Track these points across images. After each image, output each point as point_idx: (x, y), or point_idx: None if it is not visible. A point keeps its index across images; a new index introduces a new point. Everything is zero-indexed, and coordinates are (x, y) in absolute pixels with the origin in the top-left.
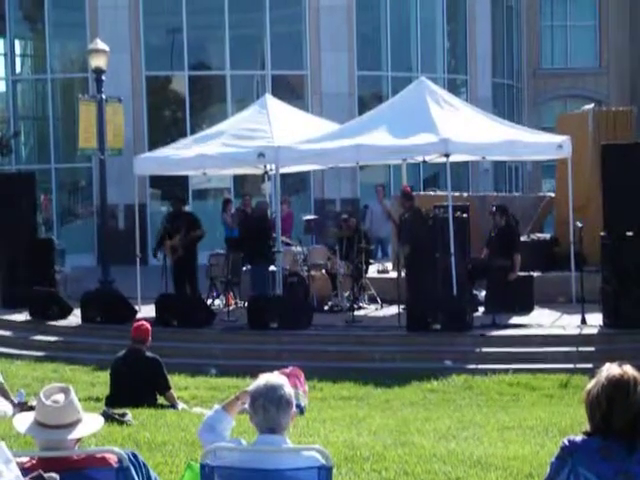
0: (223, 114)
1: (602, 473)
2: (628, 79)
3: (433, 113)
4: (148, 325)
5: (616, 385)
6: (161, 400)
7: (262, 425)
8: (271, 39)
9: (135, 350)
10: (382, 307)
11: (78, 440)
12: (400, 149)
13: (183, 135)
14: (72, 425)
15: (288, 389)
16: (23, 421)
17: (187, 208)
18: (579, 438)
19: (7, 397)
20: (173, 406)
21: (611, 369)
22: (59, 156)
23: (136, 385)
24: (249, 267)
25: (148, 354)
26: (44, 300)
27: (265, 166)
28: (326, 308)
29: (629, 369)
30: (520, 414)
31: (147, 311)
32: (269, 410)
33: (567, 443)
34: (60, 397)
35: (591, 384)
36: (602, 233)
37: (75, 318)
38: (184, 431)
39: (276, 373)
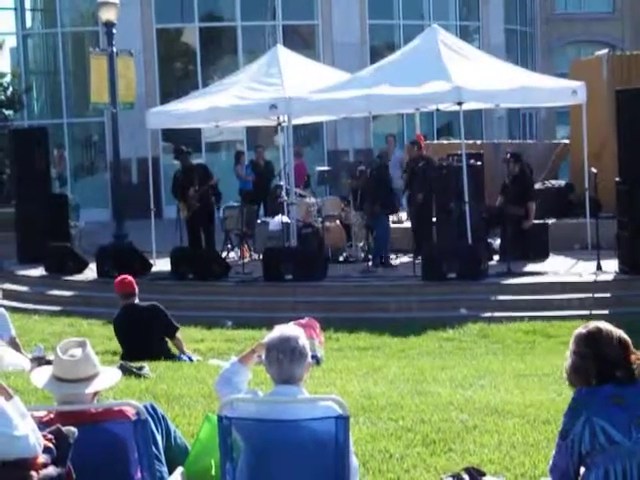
0: (234, 66)
1: (617, 420)
2: None
3: (445, 61)
4: (130, 277)
5: (596, 337)
6: (172, 350)
7: (277, 376)
8: None
9: (130, 305)
10: (397, 257)
11: (96, 394)
12: (413, 98)
13: (195, 87)
14: (89, 379)
15: (303, 340)
16: (41, 376)
17: (200, 160)
18: (590, 387)
19: (19, 351)
20: (182, 352)
21: (580, 332)
22: (71, 111)
23: (145, 337)
24: (264, 219)
25: (143, 304)
26: (59, 255)
27: (278, 117)
28: (341, 259)
29: (593, 324)
30: (536, 362)
31: (162, 264)
32: (282, 362)
33: (579, 393)
34: (77, 351)
35: (572, 351)
36: (617, 179)
37: (91, 272)
38: (201, 383)
39: (292, 324)
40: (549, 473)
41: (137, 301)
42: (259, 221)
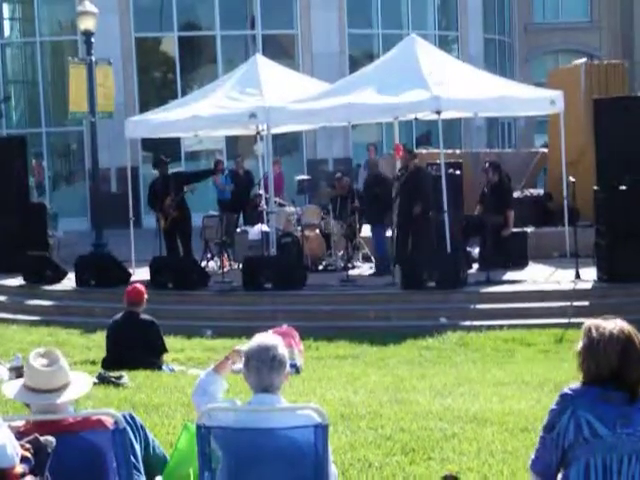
0: (214, 75)
1: (602, 415)
2: (619, 32)
3: (424, 70)
4: (142, 287)
5: (627, 340)
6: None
7: (256, 385)
8: None
9: (131, 313)
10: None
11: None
12: (391, 107)
13: (174, 97)
14: (61, 389)
15: (282, 349)
16: (12, 387)
17: (179, 168)
18: (579, 386)
19: None
20: (159, 367)
21: (617, 325)
22: (50, 120)
23: (133, 348)
24: (244, 228)
25: (144, 316)
26: (38, 265)
27: (257, 126)
28: (320, 268)
29: (626, 324)
30: (515, 369)
31: (141, 274)
32: (262, 371)
33: (568, 391)
34: (48, 361)
35: (591, 338)
36: (595, 187)
37: (69, 282)
38: (180, 392)
39: (270, 332)
40: (530, 467)
41: (141, 312)
42: (239, 230)
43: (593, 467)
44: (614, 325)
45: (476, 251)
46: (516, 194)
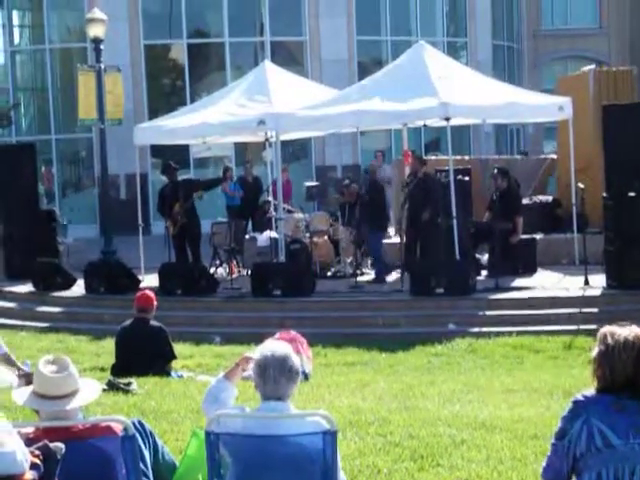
0: (222, 81)
1: (615, 425)
2: (628, 39)
3: (433, 77)
4: (151, 294)
5: (613, 348)
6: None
7: (270, 394)
8: (269, 5)
9: (140, 319)
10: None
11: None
12: (400, 114)
13: (183, 103)
14: (70, 395)
15: (295, 358)
16: (22, 393)
17: (189, 176)
18: (592, 394)
19: (14, 367)
20: (168, 374)
21: (633, 331)
22: (59, 127)
23: (142, 354)
24: (253, 235)
25: (153, 323)
26: (47, 271)
27: (266, 133)
28: (329, 274)
29: (628, 333)
30: (524, 376)
31: (150, 280)
32: (280, 381)
33: (581, 397)
34: (57, 368)
35: (606, 345)
36: (604, 194)
37: (78, 289)
38: (189, 399)
39: (277, 337)
40: (541, 475)
41: (152, 319)
42: (247, 237)
43: (605, 477)
44: (629, 332)
45: (485, 257)
46: (525, 200)
